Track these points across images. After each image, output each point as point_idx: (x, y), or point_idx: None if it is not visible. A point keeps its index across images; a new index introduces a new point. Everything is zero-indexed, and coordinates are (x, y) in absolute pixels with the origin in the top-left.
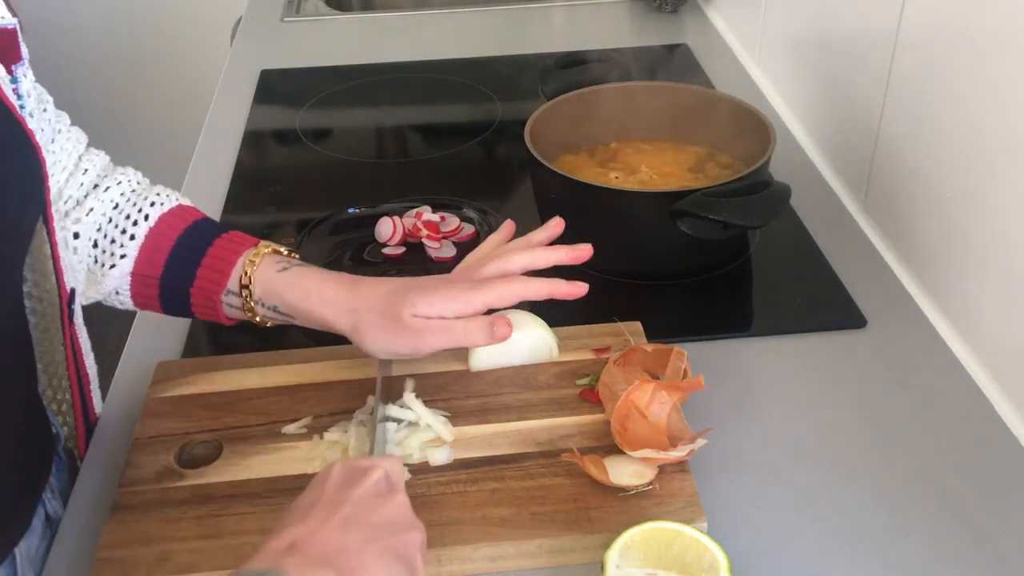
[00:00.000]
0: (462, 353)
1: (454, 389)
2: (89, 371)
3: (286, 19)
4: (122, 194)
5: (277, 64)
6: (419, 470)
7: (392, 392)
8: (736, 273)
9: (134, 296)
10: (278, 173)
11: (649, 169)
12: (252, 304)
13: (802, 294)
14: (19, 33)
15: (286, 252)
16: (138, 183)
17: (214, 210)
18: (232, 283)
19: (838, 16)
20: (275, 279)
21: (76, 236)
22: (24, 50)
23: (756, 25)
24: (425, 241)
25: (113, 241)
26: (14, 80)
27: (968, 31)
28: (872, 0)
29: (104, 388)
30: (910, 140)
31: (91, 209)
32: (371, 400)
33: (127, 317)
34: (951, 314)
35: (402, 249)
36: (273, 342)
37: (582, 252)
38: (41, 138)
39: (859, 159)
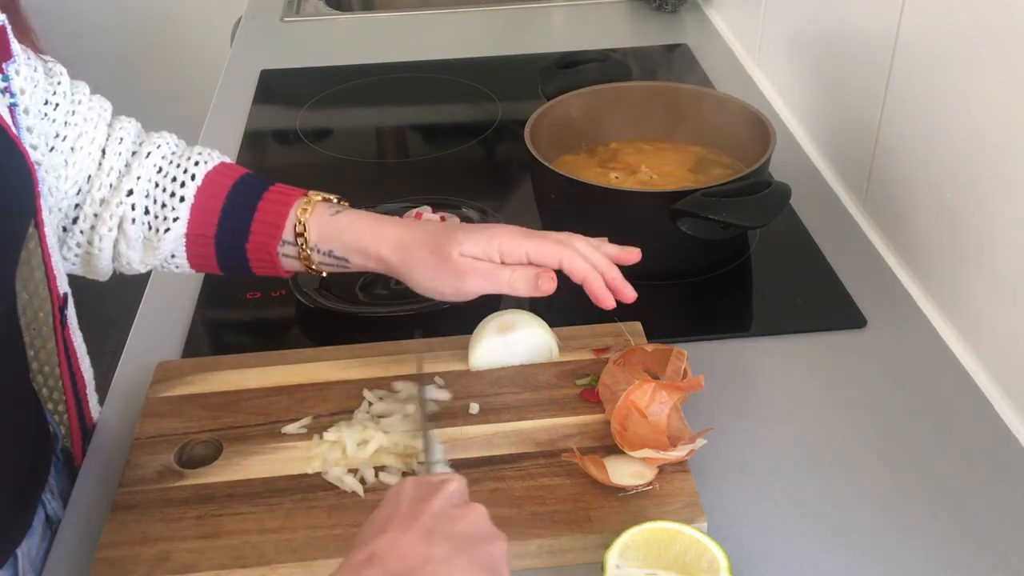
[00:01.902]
0: (462, 353)
1: (454, 389)
2: (85, 375)
3: (286, 19)
4: (163, 157)
5: (277, 64)
6: (419, 469)
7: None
8: (736, 273)
9: (191, 258)
10: (278, 173)
11: (649, 169)
12: (308, 251)
13: (802, 294)
14: (8, 30)
15: (335, 199)
16: (176, 145)
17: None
18: (287, 234)
19: (838, 16)
20: (329, 223)
21: (132, 207)
22: (15, 47)
23: (756, 25)
24: None
25: (164, 205)
26: (5, 78)
27: (968, 31)
28: (872, 0)
29: (104, 388)
30: (910, 140)
31: (138, 177)
32: (396, 404)
33: (127, 317)
34: (951, 314)
35: None
36: (273, 342)
37: (630, 254)
38: (54, 117)
39: (859, 159)
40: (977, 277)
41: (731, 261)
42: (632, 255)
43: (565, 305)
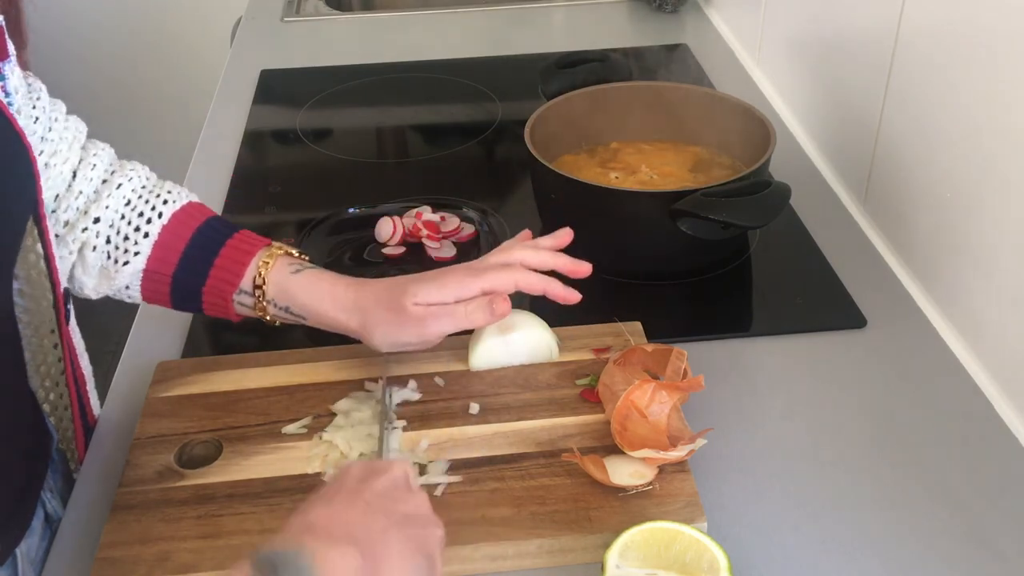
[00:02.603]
0: (462, 353)
1: (454, 389)
2: (85, 372)
3: (286, 19)
4: (133, 190)
5: (277, 64)
6: (419, 469)
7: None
8: (736, 273)
9: (144, 292)
10: (278, 173)
11: (649, 169)
12: (264, 304)
13: (802, 294)
14: (4, 30)
15: (297, 254)
16: (147, 179)
17: (214, 210)
18: (245, 283)
19: (838, 16)
20: (289, 281)
21: (96, 235)
22: (11, 47)
23: (756, 25)
24: (425, 241)
25: (127, 238)
26: (1, 77)
27: (968, 31)
28: (872, 0)
29: (104, 388)
30: (910, 140)
31: (106, 207)
32: (361, 404)
33: (128, 317)
34: (951, 314)
35: (402, 249)
36: (273, 342)
37: (582, 268)
38: (35, 129)
39: (859, 159)
40: (977, 277)
41: (731, 261)
42: (583, 268)
43: (565, 305)
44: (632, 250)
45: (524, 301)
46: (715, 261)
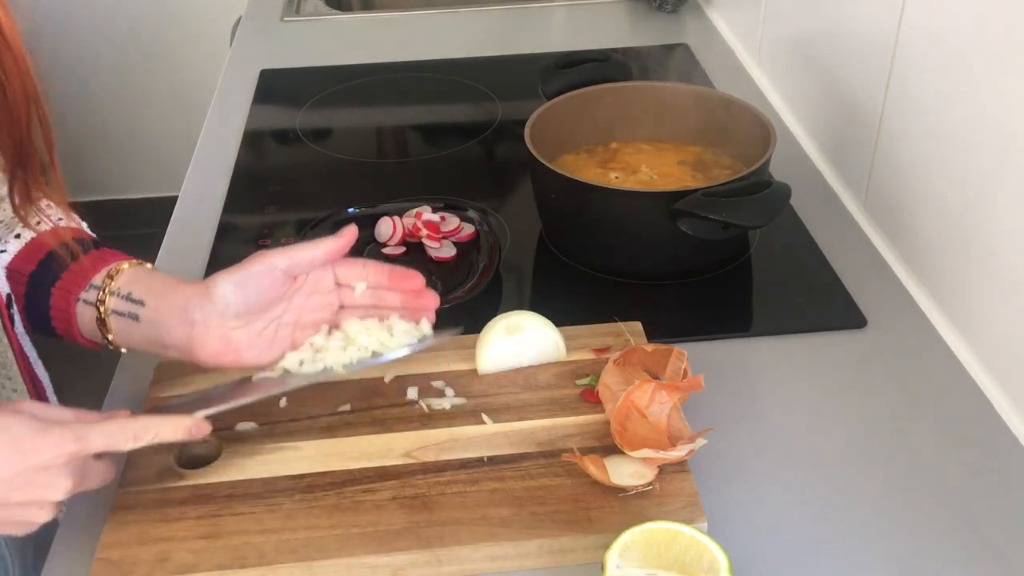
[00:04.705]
0: (465, 353)
1: (454, 389)
2: (42, 379)
3: (286, 19)
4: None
5: (277, 64)
6: (419, 470)
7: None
8: (736, 273)
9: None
10: (278, 173)
11: (649, 169)
12: (106, 296)
13: (802, 294)
14: None
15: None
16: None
17: (214, 210)
18: (97, 278)
19: (838, 16)
20: (145, 273)
21: None
22: None
23: (756, 25)
24: (425, 241)
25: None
26: None
27: (968, 31)
28: (872, 1)
29: (105, 387)
30: (910, 140)
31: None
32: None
33: None
34: (951, 314)
35: (402, 249)
36: None
37: (345, 236)
38: None
39: (859, 159)
40: (977, 276)
41: (731, 261)
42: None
43: (565, 305)
44: (632, 250)
45: (525, 302)
46: (715, 261)
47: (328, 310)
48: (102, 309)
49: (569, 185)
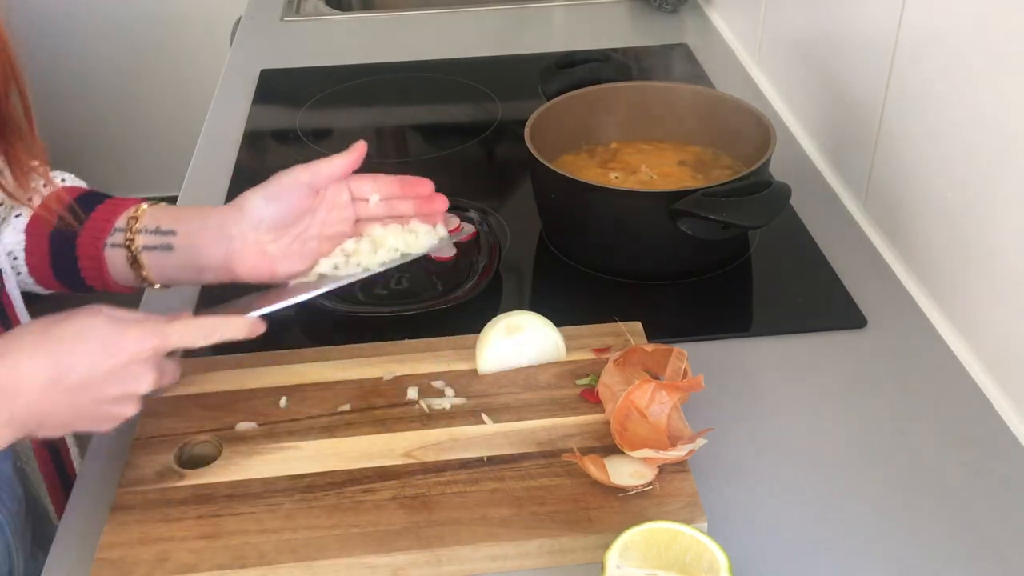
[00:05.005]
0: (465, 353)
1: (454, 389)
2: None
3: (286, 19)
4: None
5: (277, 64)
6: (419, 470)
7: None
8: (736, 273)
9: (28, 255)
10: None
11: (649, 169)
12: (133, 235)
13: (802, 294)
14: None
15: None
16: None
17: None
18: (120, 221)
19: (838, 16)
20: (166, 208)
21: None
22: None
23: (756, 25)
24: None
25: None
26: None
27: (968, 31)
28: (872, 0)
29: None
30: (910, 140)
31: None
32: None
33: None
34: (951, 314)
35: None
36: (273, 342)
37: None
38: None
39: (859, 159)
40: (977, 276)
41: (731, 261)
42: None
43: (565, 305)
44: (632, 250)
45: (525, 301)
46: (715, 261)
47: (346, 223)
48: (133, 248)
49: (569, 185)
